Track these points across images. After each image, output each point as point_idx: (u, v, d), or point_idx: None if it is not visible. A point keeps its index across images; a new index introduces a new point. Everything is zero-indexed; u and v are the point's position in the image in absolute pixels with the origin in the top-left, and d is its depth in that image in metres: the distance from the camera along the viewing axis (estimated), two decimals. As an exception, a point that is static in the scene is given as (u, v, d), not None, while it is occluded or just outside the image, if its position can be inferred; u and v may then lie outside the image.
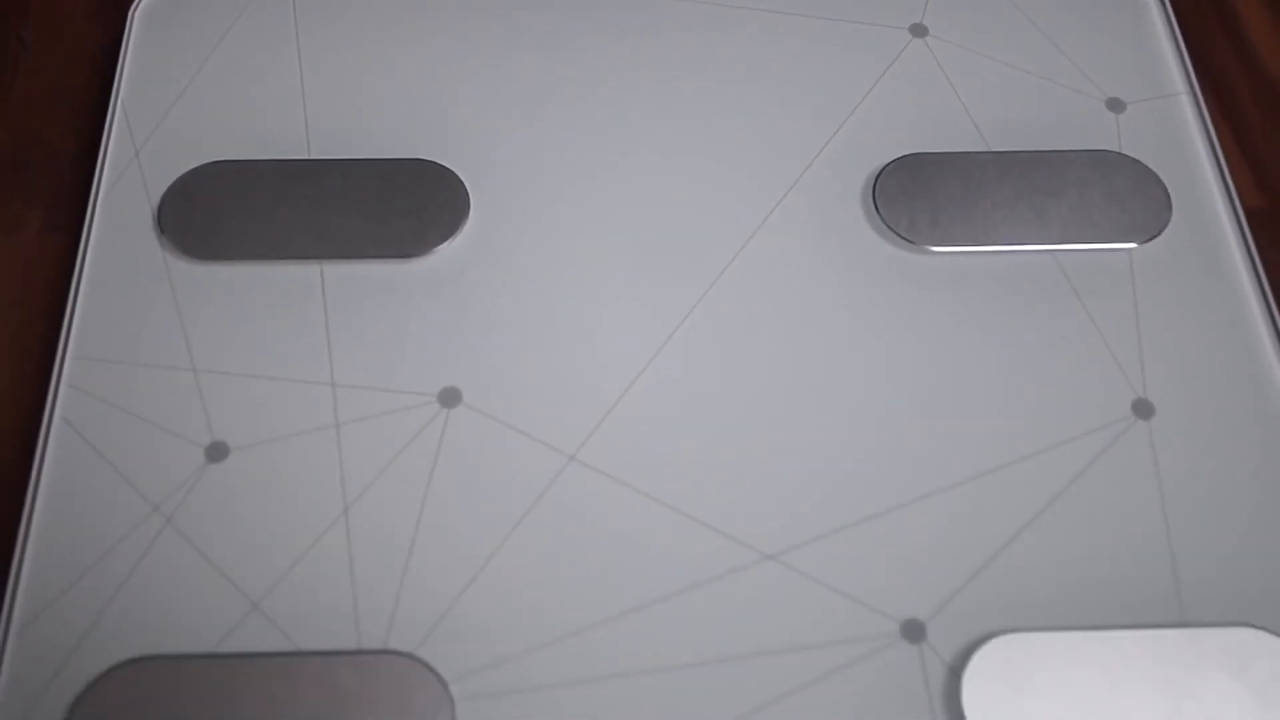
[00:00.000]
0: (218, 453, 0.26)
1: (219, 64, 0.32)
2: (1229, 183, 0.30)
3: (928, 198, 0.29)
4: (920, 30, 0.32)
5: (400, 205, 0.29)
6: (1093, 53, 0.32)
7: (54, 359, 0.28)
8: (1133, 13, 0.33)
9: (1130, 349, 0.28)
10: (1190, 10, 0.35)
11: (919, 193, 0.29)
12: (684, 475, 0.26)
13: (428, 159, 0.30)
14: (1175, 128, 0.31)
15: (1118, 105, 0.31)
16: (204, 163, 0.30)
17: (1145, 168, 0.30)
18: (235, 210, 0.29)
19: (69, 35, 0.34)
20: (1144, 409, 0.27)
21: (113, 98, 0.31)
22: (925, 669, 0.24)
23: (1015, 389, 0.27)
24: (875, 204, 0.29)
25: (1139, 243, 0.29)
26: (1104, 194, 0.29)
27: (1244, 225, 0.29)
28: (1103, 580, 0.25)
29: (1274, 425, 0.27)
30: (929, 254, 0.29)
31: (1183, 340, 0.28)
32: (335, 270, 0.28)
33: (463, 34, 0.32)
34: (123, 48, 0.32)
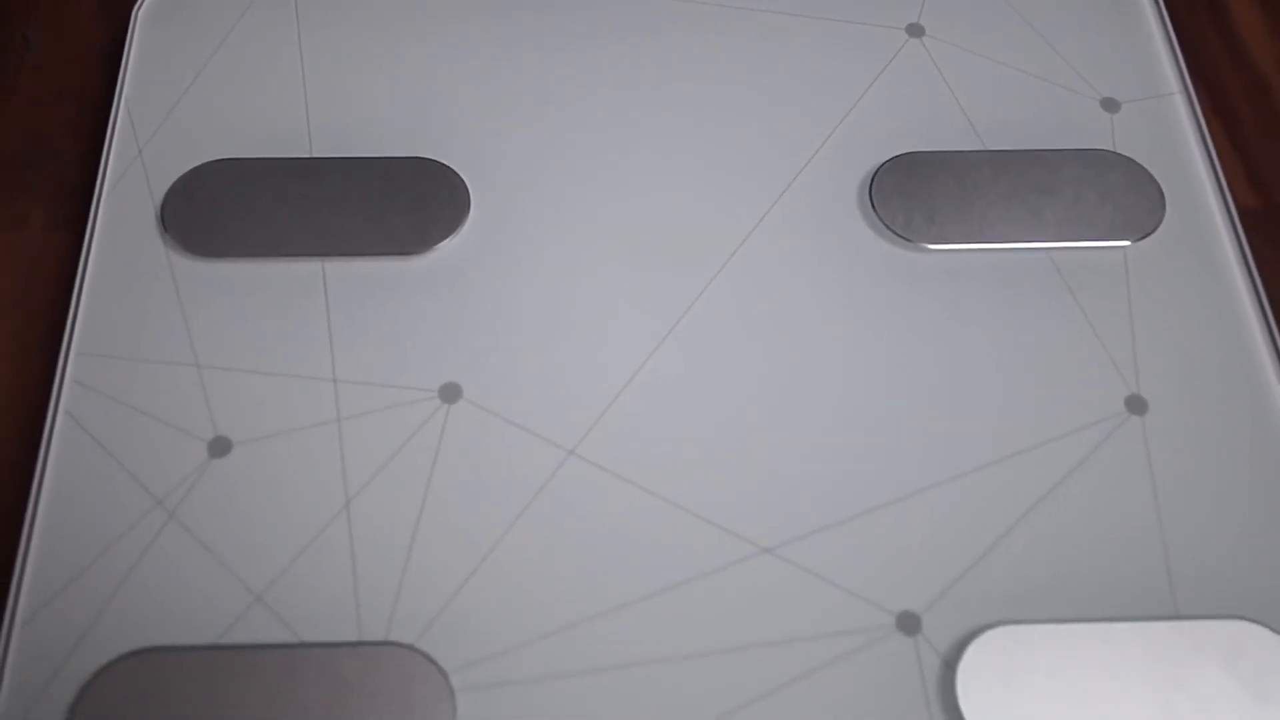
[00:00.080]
0: (220, 448, 0.26)
1: (221, 63, 0.32)
2: (1222, 181, 0.30)
3: (924, 196, 0.30)
4: (917, 30, 0.33)
5: (401, 203, 0.29)
6: (1088, 53, 0.32)
7: (57, 355, 0.28)
8: (1127, 13, 0.33)
9: (1124, 345, 0.28)
10: (1183, 7, 0.35)
11: (915, 191, 0.30)
12: (682, 470, 0.26)
13: (429, 157, 0.30)
14: (1169, 127, 0.31)
15: (1112, 105, 0.31)
16: (206, 161, 0.30)
17: (1139, 166, 0.30)
18: (238, 208, 0.29)
19: (72, 35, 0.34)
20: (1137, 405, 0.27)
21: (116, 97, 0.31)
22: (920, 661, 0.24)
23: (1010, 385, 0.27)
24: (872, 202, 0.30)
25: (1133, 240, 0.29)
26: (1098, 192, 0.30)
27: (1237, 223, 0.29)
28: (1096, 573, 0.25)
29: (1266, 421, 0.27)
30: (925, 251, 0.29)
31: (1176, 337, 0.28)
32: (337, 267, 0.29)
33: (463, 34, 0.32)
34: (126, 47, 0.32)
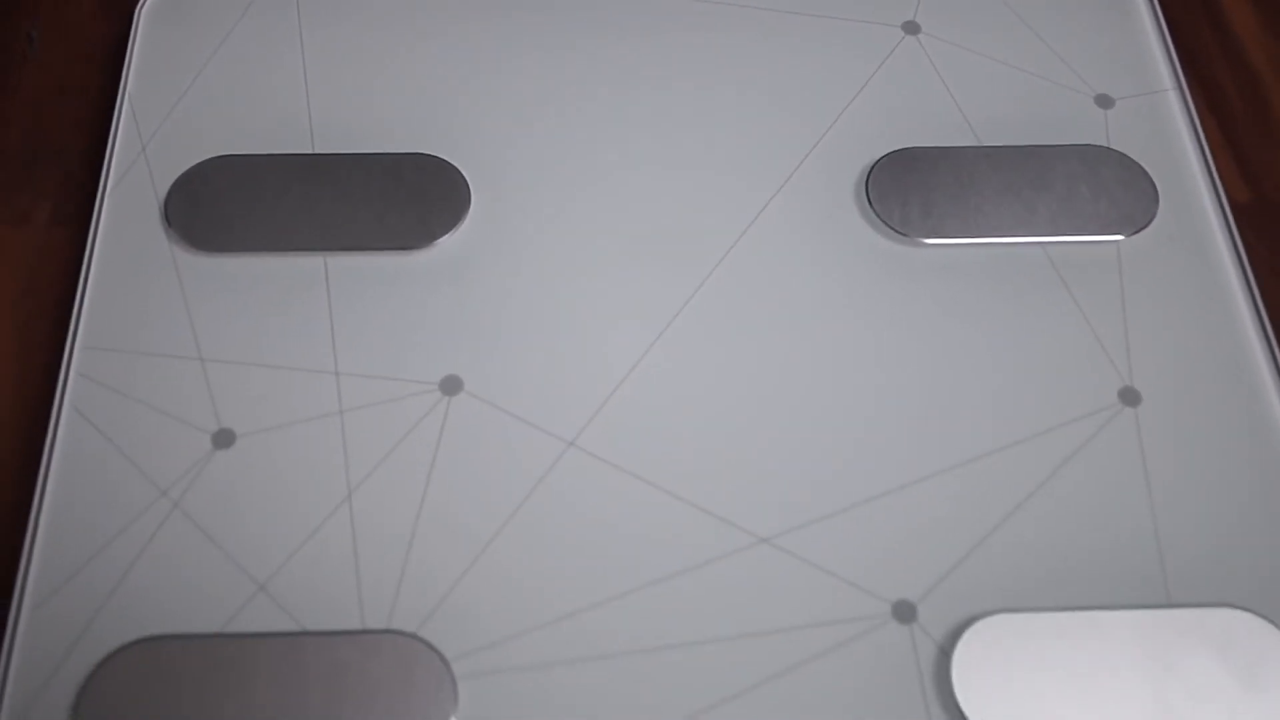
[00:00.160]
0: (224, 439, 0.26)
1: (224, 60, 0.32)
2: (1215, 176, 0.30)
3: (920, 191, 0.30)
4: (913, 28, 0.33)
5: (402, 199, 0.29)
6: (1082, 50, 0.33)
7: (63, 349, 0.28)
8: (1121, 10, 0.33)
9: (1117, 338, 0.28)
10: (1177, 4, 0.35)
11: (911, 186, 0.30)
12: (680, 461, 0.26)
13: (430, 153, 0.30)
14: (1162, 123, 0.31)
15: (1106, 101, 0.32)
16: (209, 157, 0.30)
17: (1133, 162, 0.30)
18: (240, 203, 0.29)
19: (76, 33, 0.34)
20: (1131, 397, 0.27)
21: (120, 93, 0.31)
22: (916, 649, 0.24)
23: (1005, 377, 0.27)
24: (868, 197, 0.30)
25: (1126, 235, 0.29)
26: (1092, 187, 0.30)
27: (1229, 217, 0.30)
28: (1090, 562, 0.25)
29: (1257, 412, 0.27)
30: (921, 246, 0.29)
31: (1169, 329, 0.28)
32: (339, 262, 0.29)
33: (463, 32, 0.33)
34: (129, 44, 0.32)
